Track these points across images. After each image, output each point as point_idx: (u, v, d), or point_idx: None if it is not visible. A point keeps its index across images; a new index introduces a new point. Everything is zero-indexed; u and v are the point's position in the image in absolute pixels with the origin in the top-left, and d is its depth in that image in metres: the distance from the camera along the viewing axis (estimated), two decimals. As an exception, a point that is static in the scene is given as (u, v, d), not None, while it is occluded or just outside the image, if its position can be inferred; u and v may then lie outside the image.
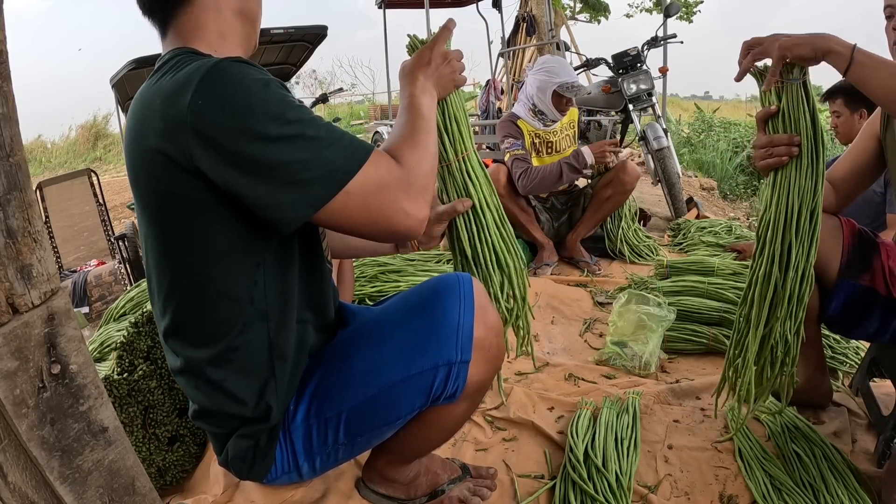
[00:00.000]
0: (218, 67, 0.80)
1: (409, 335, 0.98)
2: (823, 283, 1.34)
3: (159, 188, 0.86)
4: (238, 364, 0.95)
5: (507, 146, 2.84)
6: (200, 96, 0.78)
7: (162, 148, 0.82)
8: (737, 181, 7.18)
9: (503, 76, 6.22)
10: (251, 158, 0.79)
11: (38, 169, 13.04)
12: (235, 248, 0.89)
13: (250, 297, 0.92)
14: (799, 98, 1.13)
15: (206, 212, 0.86)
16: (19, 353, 0.62)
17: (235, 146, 0.79)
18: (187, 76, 0.80)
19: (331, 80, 18.68)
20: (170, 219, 0.88)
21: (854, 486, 1.22)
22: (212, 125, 0.78)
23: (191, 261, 0.90)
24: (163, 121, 0.81)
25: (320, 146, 0.82)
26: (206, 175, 0.81)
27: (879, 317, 1.28)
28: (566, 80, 2.73)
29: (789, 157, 1.14)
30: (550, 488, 1.31)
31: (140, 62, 3.42)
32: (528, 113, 2.89)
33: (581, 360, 1.99)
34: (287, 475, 1.05)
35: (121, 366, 1.45)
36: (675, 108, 13.91)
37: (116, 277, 3.85)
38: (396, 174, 0.88)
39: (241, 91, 0.79)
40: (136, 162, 0.88)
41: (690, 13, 9.92)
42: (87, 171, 5.07)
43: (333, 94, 7.62)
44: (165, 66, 0.88)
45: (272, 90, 0.81)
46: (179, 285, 0.92)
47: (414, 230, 0.89)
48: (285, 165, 0.80)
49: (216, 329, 0.93)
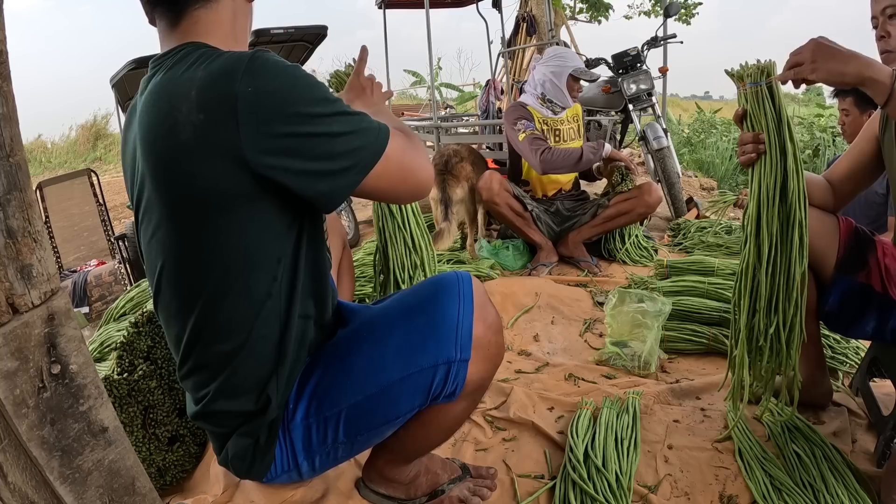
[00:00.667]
0: (261, 57, 0.83)
1: (409, 334, 0.98)
2: (821, 279, 1.37)
3: (193, 184, 0.84)
4: (248, 359, 0.95)
5: (521, 127, 2.88)
6: (249, 84, 0.80)
7: (202, 139, 0.81)
8: (737, 181, 7.17)
9: (503, 76, 6.21)
10: (305, 137, 0.84)
11: (38, 169, 13.03)
12: (263, 244, 0.90)
13: (269, 293, 0.93)
14: (763, 99, 1.21)
15: (239, 207, 0.86)
16: (19, 353, 0.62)
17: (290, 129, 0.83)
18: (228, 65, 0.82)
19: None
20: (197, 217, 0.87)
21: (854, 486, 1.22)
22: (265, 111, 0.81)
23: (215, 260, 0.89)
24: (203, 111, 0.81)
25: (359, 121, 0.90)
26: (250, 164, 0.82)
27: (876, 314, 1.29)
28: (579, 65, 2.86)
29: (757, 154, 1.23)
30: (550, 488, 1.31)
31: (140, 62, 3.42)
32: (537, 101, 2.96)
33: (581, 360, 1.99)
34: (287, 474, 1.04)
35: (121, 366, 1.45)
36: (675, 108, 13.91)
37: (116, 277, 3.85)
38: (405, 139, 0.98)
39: (288, 78, 0.83)
40: (161, 160, 0.86)
41: (689, 14, 9.90)
42: (87, 171, 5.07)
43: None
44: (185, 59, 0.87)
45: (309, 77, 0.87)
46: (200, 289, 0.92)
47: (431, 181, 1.03)
48: (336, 137, 0.86)
49: (234, 326, 0.93)
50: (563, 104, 2.92)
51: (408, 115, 8.40)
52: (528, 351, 2.06)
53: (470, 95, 12.57)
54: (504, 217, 2.92)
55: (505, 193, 2.86)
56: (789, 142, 1.20)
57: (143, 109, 0.89)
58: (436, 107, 4.90)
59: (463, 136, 5.17)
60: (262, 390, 0.97)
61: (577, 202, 3.10)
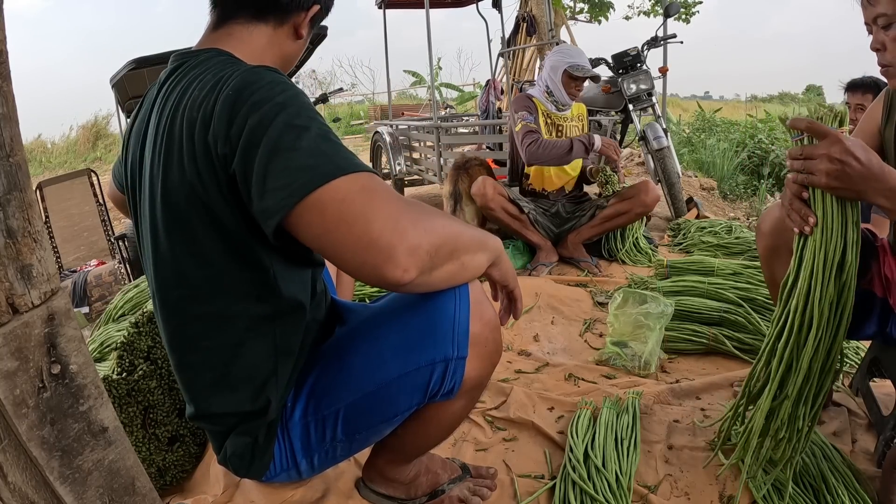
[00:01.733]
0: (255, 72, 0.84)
1: (406, 332, 0.98)
2: None
3: (203, 198, 0.85)
4: (242, 358, 0.95)
5: (520, 118, 2.88)
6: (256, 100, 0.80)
7: (225, 149, 0.81)
8: (737, 181, 7.17)
9: (503, 76, 6.22)
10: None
11: (38, 169, 13.03)
12: (246, 252, 0.89)
13: (257, 297, 0.93)
14: (839, 212, 1.02)
15: (228, 217, 0.86)
16: (19, 353, 0.62)
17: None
18: (244, 82, 0.82)
19: (331, 80, 18.69)
20: (201, 233, 0.88)
21: (854, 486, 1.22)
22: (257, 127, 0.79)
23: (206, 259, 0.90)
24: (227, 128, 0.81)
25: (330, 144, 0.81)
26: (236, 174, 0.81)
27: (877, 319, 1.29)
28: (577, 61, 2.81)
29: (802, 231, 1.07)
30: (550, 488, 1.31)
31: (140, 62, 3.41)
32: (543, 95, 2.97)
33: (581, 360, 1.99)
34: (286, 472, 1.05)
35: (121, 366, 1.45)
36: (675, 108, 13.91)
37: (116, 277, 3.85)
38: (390, 192, 0.80)
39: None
40: (188, 174, 0.85)
41: (689, 13, 9.90)
42: (87, 171, 5.07)
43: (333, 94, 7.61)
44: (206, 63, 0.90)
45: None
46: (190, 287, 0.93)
47: (398, 257, 0.75)
48: (296, 150, 0.77)
49: (226, 325, 0.94)
50: (562, 101, 2.91)
51: (408, 114, 8.41)
52: (528, 351, 2.06)
53: (470, 95, 12.58)
54: (500, 221, 2.92)
55: (499, 198, 2.86)
56: (850, 207, 1.03)
57: (173, 113, 0.89)
58: (436, 107, 4.90)
59: (463, 136, 5.17)
60: (260, 391, 0.97)
61: (578, 204, 3.10)
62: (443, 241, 0.82)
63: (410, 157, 5.18)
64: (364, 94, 19.31)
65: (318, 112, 0.85)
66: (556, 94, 2.89)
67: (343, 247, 0.76)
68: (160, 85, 0.96)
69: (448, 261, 0.85)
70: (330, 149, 0.79)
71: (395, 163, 5.03)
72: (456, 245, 0.86)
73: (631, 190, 2.89)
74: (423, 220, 0.79)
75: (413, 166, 5.11)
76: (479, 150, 4.88)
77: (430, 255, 0.80)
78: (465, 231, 0.90)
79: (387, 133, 5.20)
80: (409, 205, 0.80)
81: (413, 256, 0.76)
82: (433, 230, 0.80)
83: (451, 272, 0.88)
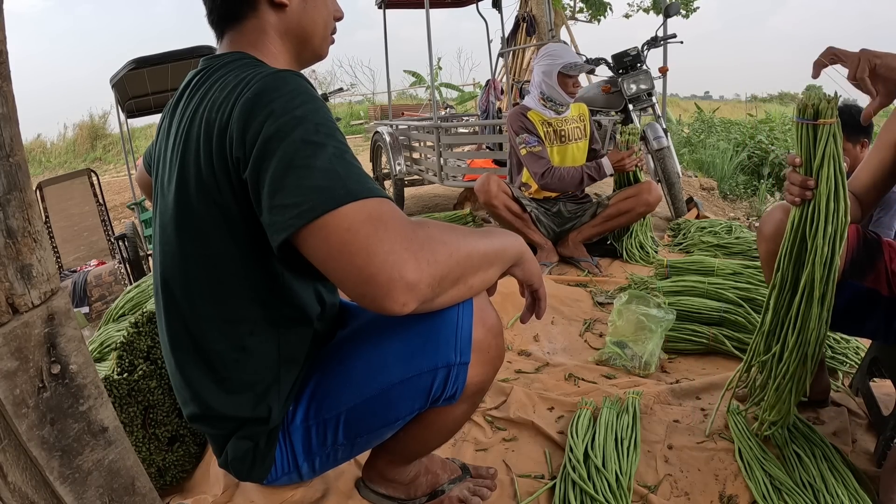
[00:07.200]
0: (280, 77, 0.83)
1: (408, 337, 0.97)
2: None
3: (217, 199, 0.85)
4: (248, 364, 0.95)
5: (522, 142, 2.88)
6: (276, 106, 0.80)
7: (239, 153, 0.81)
8: (737, 181, 7.17)
9: (503, 76, 6.22)
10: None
11: (38, 169, 13.04)
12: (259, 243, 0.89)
13: (263, 302, 0.93)
14: (808, 141, 1.15)
15: (238, 223, 0.87)
16: (19, 353, 0.62)
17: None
18: (261, 87, 0.82)
19: (331, 80, 18.67)
20: (212, 233, 0.88)
21: (854, 486, 1.22)
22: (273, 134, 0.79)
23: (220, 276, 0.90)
24: (243, 132, 0.80)
25: (344, 164, 0.79)
26: (248, 182, 0.81)
27: (882, 317, 1.29)
28: (568, 60, 2.81)
29: (802, 199, 1.17)
30: (550, 488, 1.31)
31: (140, 62, 3.42)
32: (539, 103, 2.95)
33: (581, 360, 1.99)
34: (287, 476, 1.04)
35: (121, 366, 1.45)
36: (675, 108, 13.92)
37: (116, 277, 3.86)
38: (397, 220, 0.77)
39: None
40: (204, 174, 0.85)
41: (689, 9, 9.90)
42: (86, 171, 5.08)
43: (333, 94, 7.61)
44: (239, 68, 0.90)
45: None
46: (207, 306, 0.93)
47: (396, 293, 0.74)
48: (307, 168, 0.76)
49: (230, 329, 0.94)
50: (562, 102, 2.91)
51: (408, 115, 8.41)
52: (528, 351, 2.06)
53: (470, 95, 12.58)
54: (503, 219, 2.93)
55: (503, 195, 2.87)
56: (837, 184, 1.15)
57: (192, 116, 0.90)
58: (436, 107, 4.90)
59: (463, 136, 5.17)
60: (260, 398, 0.96)
61: (579, 203, 3.10)
62: (448, 270, 0.81)
63: (410, 157, 5.18)
64: (364, 94, 19.31)
65: (337, 126, 0.84)
66: (556, 98, 2.88)
67: (343, 275, 0.76)
68: (186, 84, 0.97)
69: (453, 286, 0.85)
70: (344, 170, 0.78)
71: (395, 163, 5.03)
72: (464, 271, 0.85)
73: (633, 189, 2.89)
74: (429, 250, 0.78)
75: (413, 166, 5.11)
76: (479, 150, 4.88)
77: (432, 287, 0.79)
78: (477, 248, 0.88)
79: (387, 133, 5.20)
80: (415, 233, 0.77)
81: (412, 292, 0.76)
82: (437, 261, 0.79)
83: (454, 297, 0.88)
